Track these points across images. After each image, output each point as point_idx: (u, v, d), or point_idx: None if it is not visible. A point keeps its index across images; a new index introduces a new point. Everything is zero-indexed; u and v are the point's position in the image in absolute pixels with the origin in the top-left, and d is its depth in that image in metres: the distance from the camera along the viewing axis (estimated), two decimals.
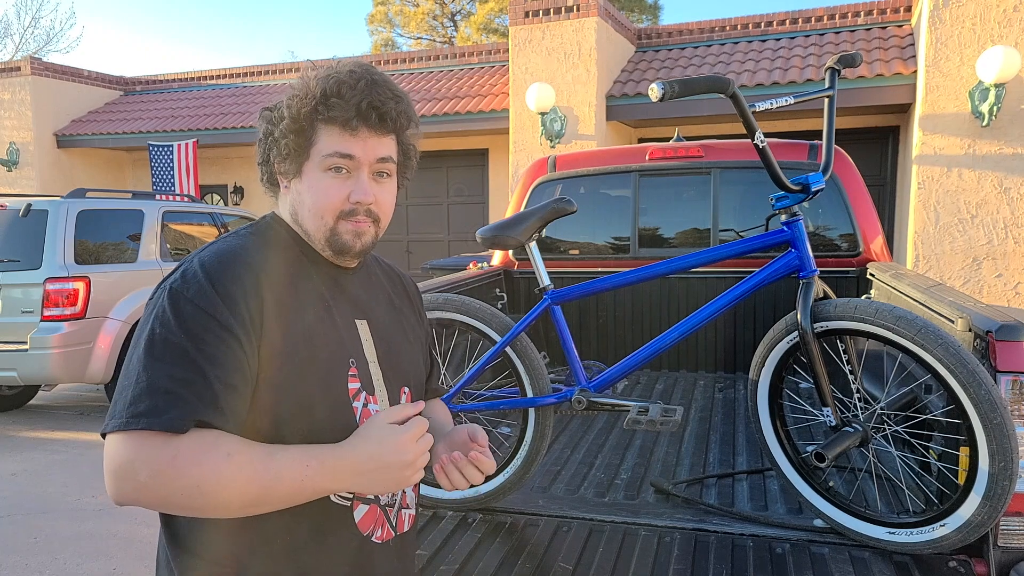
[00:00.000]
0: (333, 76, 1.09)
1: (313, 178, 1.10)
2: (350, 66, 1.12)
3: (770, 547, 1.88)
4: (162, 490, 0.92)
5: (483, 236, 2.23)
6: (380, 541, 1.15)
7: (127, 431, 0.93)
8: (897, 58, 8.18)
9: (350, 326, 1.15)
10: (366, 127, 1.09)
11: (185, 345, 0.96)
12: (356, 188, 1.10)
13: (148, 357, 0.96)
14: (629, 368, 2.15)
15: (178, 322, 0.97)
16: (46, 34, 29.51)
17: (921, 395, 2.02)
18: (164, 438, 0.93)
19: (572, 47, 8.93)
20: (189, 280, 1.00)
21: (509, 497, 2.20)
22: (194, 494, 0.92)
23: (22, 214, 5.64)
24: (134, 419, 0.93)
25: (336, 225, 1.11)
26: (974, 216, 7.27)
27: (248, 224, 1.17)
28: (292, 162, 1.11)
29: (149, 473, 0.92)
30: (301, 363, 1.05)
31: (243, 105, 11.96)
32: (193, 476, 0.92)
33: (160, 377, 0.95)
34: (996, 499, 1.63)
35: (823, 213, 3.47)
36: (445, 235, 11.51)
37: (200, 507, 0.95)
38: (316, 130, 1.09)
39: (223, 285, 1.00)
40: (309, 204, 1.11)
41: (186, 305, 0.98)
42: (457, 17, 24.01)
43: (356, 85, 1.08)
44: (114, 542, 3.71)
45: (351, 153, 1.09)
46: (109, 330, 5.72)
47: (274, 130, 1.11)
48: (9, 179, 12.13)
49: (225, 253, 1.05)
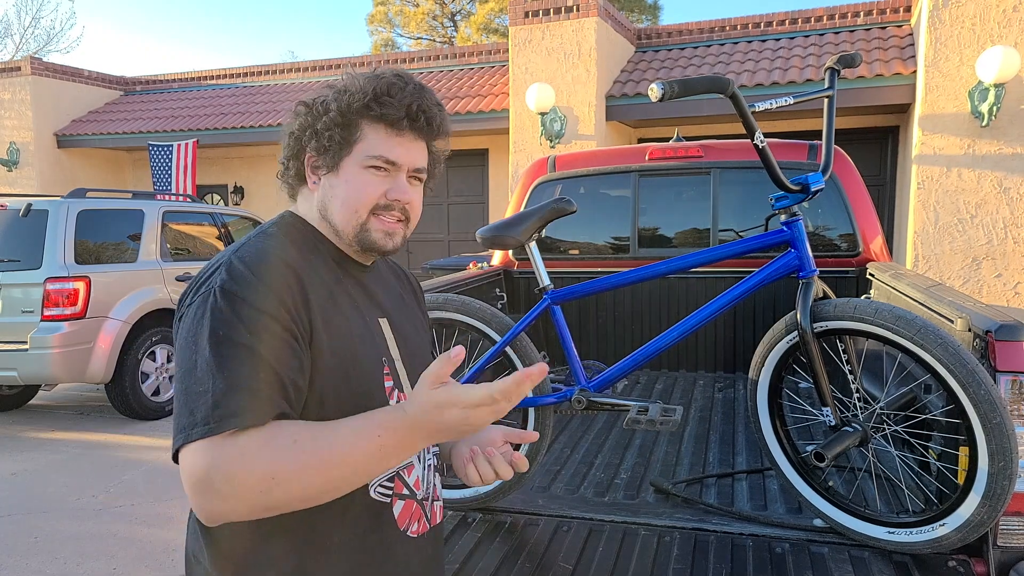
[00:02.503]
0: (383, 76, 1.11)
1: (352, 173, 1.11)
2: (396, 70, 1.13)
3: (770, 547, 1.88)
4: (241, 491, 0.88)
5: (483, 236, 2.23)
6: (416, 535, 1.16)
7: (213, 436, 0.89)
8: (897, 58, 8.18)
9: (376, 324, 1.16)
10: (412, 130, 1.12)
11: (253, 345, 0.94)
12: (395, 186, 1.12)
13: (217, 360, 0.92)
14: (629, 368, 2.15)
15: (239, 322, 0.95)
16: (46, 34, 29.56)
17: (921, 395, 2.02)
18: (231, 437, 0.89)
19: (572, 47, 8.93)
20: (239, 280, 0.98)
21: (509, 497, 2.20)
22: (271, 486, 0.88)
23: (22, 214, 5.65)
24: (222, 421, 0.89)
25: (368, 221, 1.11)
26: (974, 216, 7.27)
27: (268, 224, 1.15)
28: (332, 155, 1.11)
29: (223, 478, 0.88)
30: (346, 362, 1.05)
31: (243, 105, 11.96)
32: (265, 468, 0.88)
33: (238, 378, 0.92)
34: (995, 499, 1.63)
35: (823, 213, 3.47)
36: (445, 235, 11.52)
37: (281, 500, 0.90)
38: (362, 127, 1.10)
39: (276, 287, 1.00)
40: (343, 197, 1.11)
41: (242, 305, 0.96)
42: (457, 17, 24.01)
43: (405, 88, 1.10)
44: (114, 542, 3.71)
45: (396, 160, 1.11)
46: (109, 330, 5.72)
47: (316, 123, 1.11)
48: (9, 179, 12.13)
49: (265, 253, 1.04)
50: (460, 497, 2.19)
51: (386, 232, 1.13)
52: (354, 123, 1.10)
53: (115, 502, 4.23)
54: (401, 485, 1.14)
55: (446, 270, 6.75)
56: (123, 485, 4.49)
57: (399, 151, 1.11)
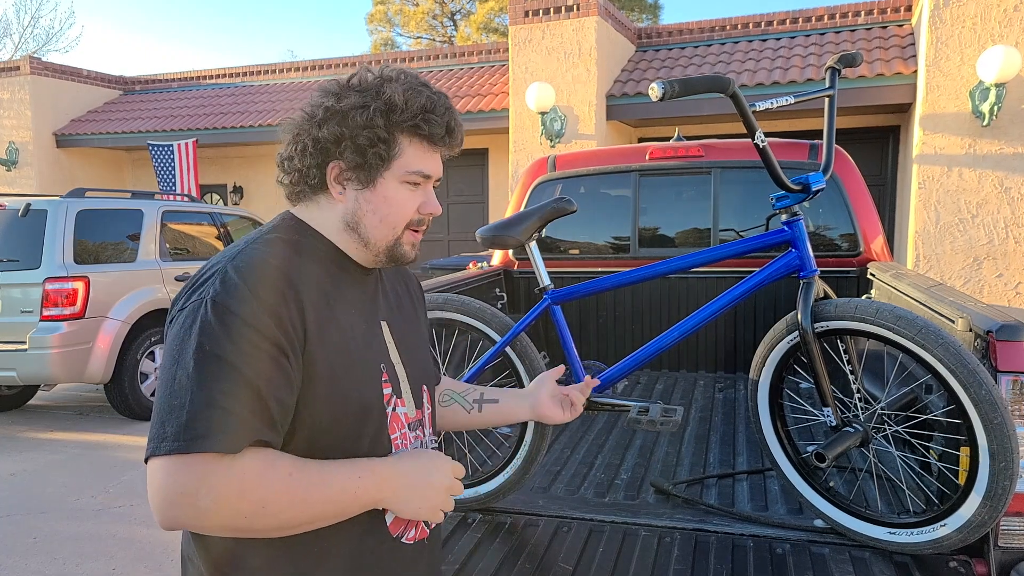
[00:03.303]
0: (420, 90, 1.09)
1: (391, 188, 1.10)
2: (421, 80, 1.12)
3: (770, 547, 1.87)
4: (225, 513, 0.90)
5: (483, 236, 2.23)
6: (412, 542, 1.15)
7: (186, 454, 0.88)
8: (897, 58, 8.18)
9: (376, 329, 1.15)
10: (444, 146, 1.14)
11: (236, 362, 0.93)
12: (427, 201, 1.14)
13: (199, 374, 0.91)
14: (629, 368, 2.15)
15: (227, 337, 0.93)
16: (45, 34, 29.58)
17: (921, 395, 2.01)
18: (227, 461, 0.90)
19: (572, 47, 8.93)
20: (231, 292, 0.96)
21: (509, 497, 2.20)
22: (260, 515, 0.92)
23: (21, 214, 5.64)
24: (193, 441, 0.88)
25: (402, 235, 1.13)
26: (974, 216, 7.27)
27: (268, 227, 1.12)
28: (368, 171, 1.08)
29: (213, 498, 0.89)
30: (340, 372, 1.05)
31: (243, 105, 11.96)
32: (258, 499, 0.91)
33: (215, 395, 0.91)
34: (996, 499, 1.62)
35: (823, 213, 3.47)
36: (445, 235, 11.51)
37: (263, 528, 0.94)
38: (401, 142, 1.09)
39: (267, 298, 0.98)
40: (384, 214, 1.11)
41: (232, 319, 0.94)
42: (457, 16, 24.01)
43: (440, 103, 1.11)
44: (114, 542, 3.70)
45: (431, 173, 1.13)
46: (108, 330, 5.71)
47: (355, 135, 1.06)
48: (8, 179, 12.13)
49: (262, 262, 1.02)
50: (460, 498, 2.18)
51: (412, 244, 1.16)
52: (395, 139, 1.09)
53: (114, 502, 4.22)
54: None
55: (446, 270, 6.74)
56: (122, 485, 4.49)
57: (433, 166, 1.13)
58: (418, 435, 1.19)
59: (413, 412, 1.18)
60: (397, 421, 1.14)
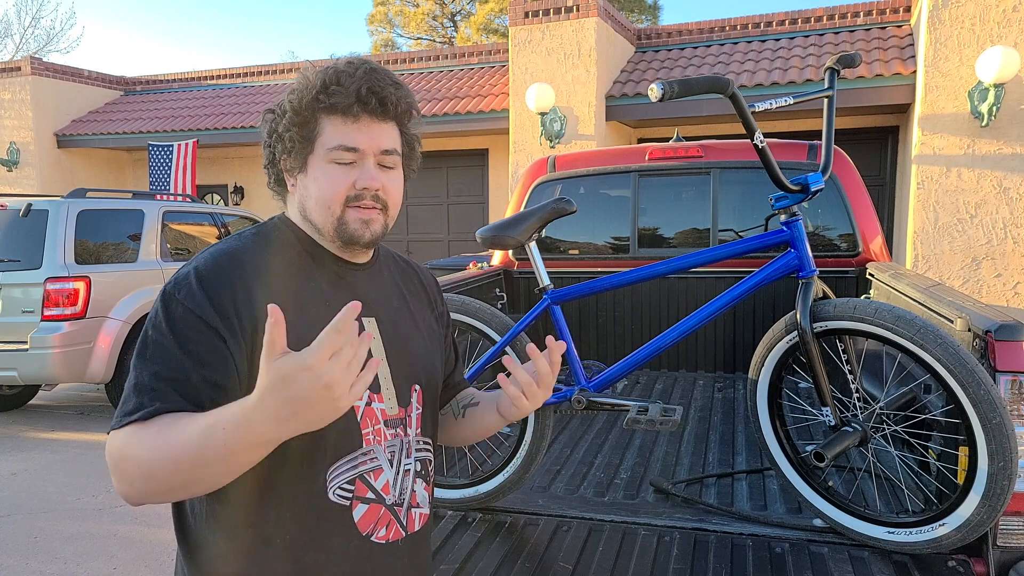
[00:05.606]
0: (331, 67, 1.12)
1: (318, 169, 1.11)
2: (347, 58, 1.14)
3: (769, 547, 1.88)
4: (126, 477, 0.96)
5: (483, 236, 2.23)
6: (384, 541, 1.13)
7: (116, 430, 0.98)
8: (896, 58, 8.19)
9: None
10: (367, 113, 1.11)
11: (170, 345, 1.00)
12: (362, 175, 1.11)
13: (139, 359, 1.01)
14: (629, 368, 2.15)
15: (168, 324, 1.01)
16: (46, 34, 29.56)
17: (920, 395, 2.02)
18: (139, 431, 0.96)
19: (572, 47, 8.93)
20: (181, 284, 1.04)
21: (509, 497, 2.20)
22: (145, 475, 0.95)
23: (22, 214, 5.65)
24: (122, 418, 0.98)
25: (344, 214, 1.11)
26: (973, 216, 7.27)
27: (254, 225, 1.19)
28: (297, 156, 1.12)
29: (112, 466, 0.97)
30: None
31: (243, 105, 11.96)
32: (138, 459, 0.95)
33: (146, 376, 0.99)
34: (995, 499, 1.63)
35: (822, 213, 3.48)
36: (445, 235, 11.52)
37: (160, 488, 0.95)
38: (319, 121, 1.10)
39: (213, 288, 1.03)
40: (316, 195, 1.11)
41: (176, 307, 1.02)
42: (457, 17, 24.02)
43: (355, 73, 1.10)
44: (114, 542, 3.71)
45: (356, 146, 1.10)
46: (109, 330, 5.72)
47: (278, 127, 1.13)
48: (9, 179, 12.13)
49: (221, 256, 1.07)
50: (460, 497, 2.19)
51: (363, 221, 1.11)
52: (311, 119, 1.10)
53: (115, 502, 4.23)
54: (364, 488, 1.11)
55: (446, 270, 6.75)
56: None
57: (358, 137, 1.10)
58: (397, 433, 1.15)
59: (394, 409, 1.15)
60: (372, 416, 1.12)
